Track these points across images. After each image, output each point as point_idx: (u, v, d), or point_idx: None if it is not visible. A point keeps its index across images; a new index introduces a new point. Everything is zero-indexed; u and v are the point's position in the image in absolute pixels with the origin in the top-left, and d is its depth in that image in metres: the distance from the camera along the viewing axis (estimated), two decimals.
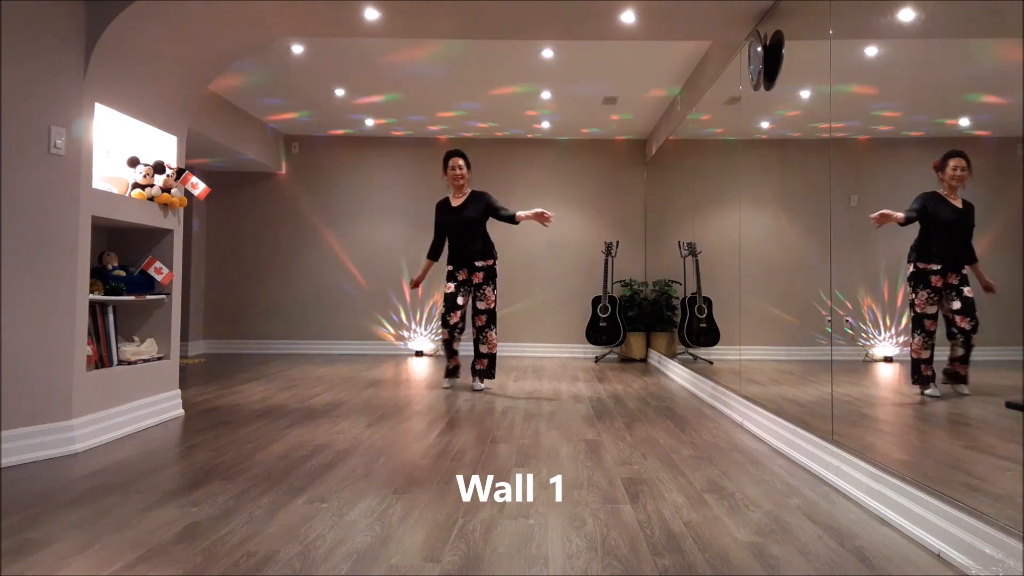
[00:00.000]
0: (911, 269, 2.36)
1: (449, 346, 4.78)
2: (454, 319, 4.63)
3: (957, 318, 2.21)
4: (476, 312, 4.70)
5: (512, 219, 4.58)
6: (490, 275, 4.68)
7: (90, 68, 2.98)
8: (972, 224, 2.11)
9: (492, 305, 4.69)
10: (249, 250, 7.40)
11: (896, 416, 2.68)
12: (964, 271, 2.20)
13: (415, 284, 4.87)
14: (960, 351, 2.22)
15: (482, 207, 4.67)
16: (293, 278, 7.38)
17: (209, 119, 5.66)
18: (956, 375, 2.23)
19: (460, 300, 4.64)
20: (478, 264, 4.63)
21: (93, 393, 3.04)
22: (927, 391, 2.37)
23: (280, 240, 7.41)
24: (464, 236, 4.65)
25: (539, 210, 4.43)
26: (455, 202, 4.73)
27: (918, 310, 2.32)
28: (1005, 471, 1.89)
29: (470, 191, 4.76)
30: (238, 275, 7.39)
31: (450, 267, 4.72)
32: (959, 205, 2.20)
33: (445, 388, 4.79)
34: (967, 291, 2.18)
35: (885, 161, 2.62)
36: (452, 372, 4.84)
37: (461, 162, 4.69)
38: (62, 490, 2.33)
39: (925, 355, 2.34)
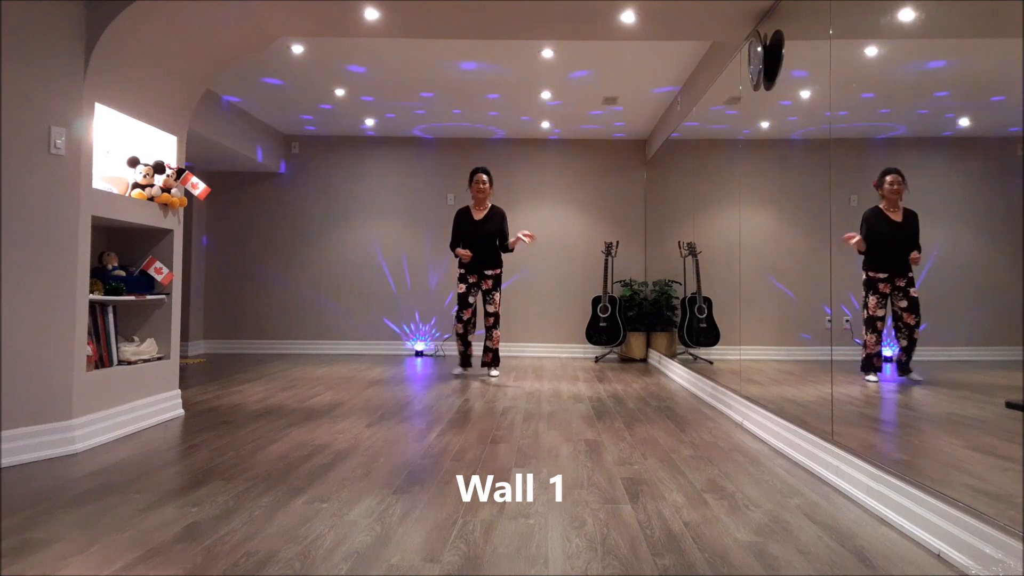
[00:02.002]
0: (864, 277, 2.59)
1: (464, 338, 5.39)
2: (467, 315, 5.32)
3: (904, 315, 2.46)
4: (486, 314, 5.38)
5: (507, 249, 5.35)
6: (497, 282, 5.36)
7: (90, 68, 2.98)
8: (914, 232, 2.34)
9: (499, 308, 5.38)
10: (249, 250, 7.40)
11: (896, 416, 2.68)
12: (910, 275, 2.44)
13: (467, 256, 5.24)
14: (904, 343, 2.48)
15: (499, 225, 5.34)
16: (293, 278, 7.38)
17: (209, 119, 5.66)
18: (902, 364, 2.50)
19: (471, 299, 5.32)
20: (488, 272, 5.30)
21: (93, 393, 3.04)
22: (869, 377, 2.67)
23: (280, 240, 7.41)
24: (481, 246, 5.28)
25: (522, 233, 5.21)
26: (477, 215, 5.33)
27: (870, 312, 2.59)
28: (1004, 471, 1.89)
29: (491, 206, 5.38)
30: (238, 275, 7.39)
31: (462, 270, 5.34)
32: (898, 219, 2.44)
33: (456, 376, 5.40)
34: (913, 292, 2.42)
35: (885, 161, 2.62)
36: (466, 361, 5.47)
37: (485, 178, 5.31)
38: (62, 490, 2.33)
39: (877, 350, 2.62)
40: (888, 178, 2.44)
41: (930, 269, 2.33)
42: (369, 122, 6.77)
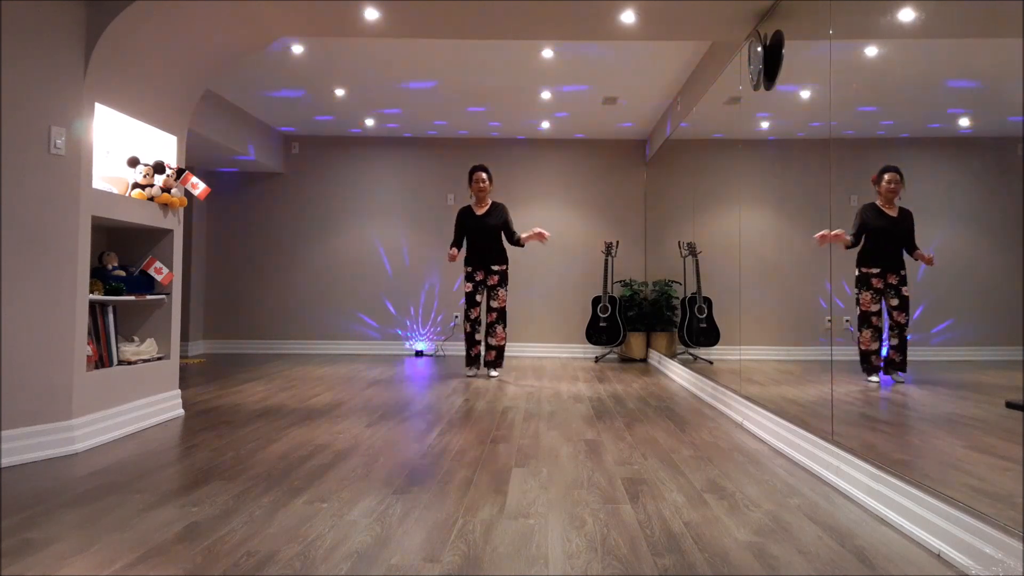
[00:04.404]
0: (856, 273, 2.60)
1: (472, 338, 5.41)
2: (474, 314, 5.34)
3: (894, 313, 2.50)
4: (489, 309, 5.34)
5: (518, 242, 5.35)
6: (503, 278, 5.35)
7: (90, 68, 2.98)
8: (910, 229, 2.38)
9: (503, 304, 5.35)
10: (249, 250, 7.40)
11: (896, 416, 2.68)
12: (903, 272, 2.46)
13: (452, 258, 5.25)
14: (895, 341, 2.52)
15: (502, 218, 5.34)
16: (293, 278, 7.38)
17: (209, 119, 5.66)
18: (894, 363, 2.54)
19: (478, 298, 5.34)
20: (494, 268, 5.30)
21: (93, 393, 3.04)
22: (871, 378, 2.65)
23: (280, 240, 7.41)
24: (485, 241, 5.29)
25: (537, 230, 5.22)
26: (479, 211, 5.37)
27: (863, 308, 2.61)
28: (1004, 471, 1.89)
29: (491, 202, 5.41)
30: (238, 275, 7.39)
31: (468, 268, 5.35)
32: (894, 214, 2.49)
33: (468, 376, 5.41)
34: (904, 291, 2.46)
35: (885, 160, 2.62)
36: (474, 360, 5.46)
37: (484, 176, 5.34)
38: (62, 490, 2.33)
39: (874, 347, 2.61)
40: (887, 176, 2.47)
41: (929, 269, 2.34)
42: (369, 122, 6.77)
